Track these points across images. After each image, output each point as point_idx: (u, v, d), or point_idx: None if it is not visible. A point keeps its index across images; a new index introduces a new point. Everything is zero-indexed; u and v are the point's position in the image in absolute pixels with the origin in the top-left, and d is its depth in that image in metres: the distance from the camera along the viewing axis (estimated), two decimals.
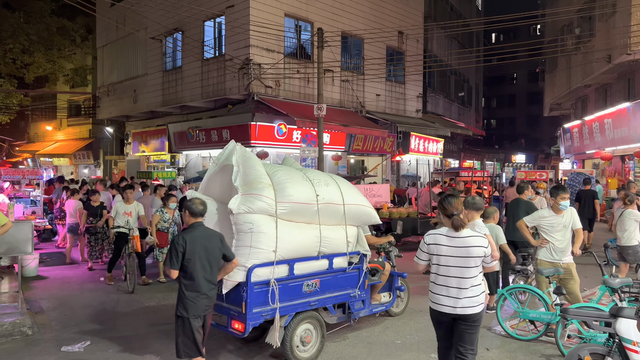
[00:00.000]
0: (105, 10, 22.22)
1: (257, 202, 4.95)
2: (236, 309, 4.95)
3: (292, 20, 18.44)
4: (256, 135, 17.39)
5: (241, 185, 5.06)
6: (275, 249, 5.02)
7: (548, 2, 29.22)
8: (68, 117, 32.29)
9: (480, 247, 3.90)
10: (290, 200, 5.16)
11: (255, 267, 4.89)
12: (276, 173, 5.36)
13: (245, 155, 5.32)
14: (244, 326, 4.85)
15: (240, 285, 4.90)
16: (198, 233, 4.45)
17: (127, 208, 9.08)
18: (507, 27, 46.79)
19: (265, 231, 4.98)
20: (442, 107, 28.58)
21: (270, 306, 4.98)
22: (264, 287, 4.96)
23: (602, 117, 20.23)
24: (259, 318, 4.93)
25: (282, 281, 5.10)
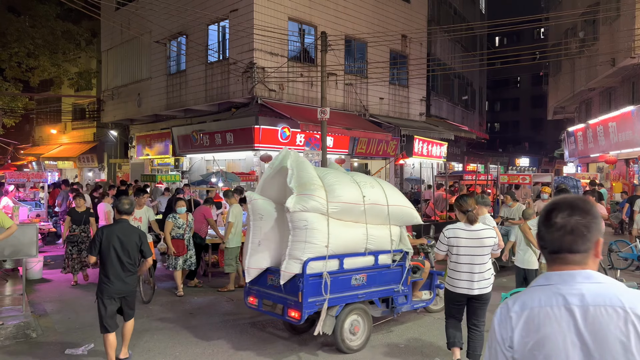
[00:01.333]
0: (110, 14, 22.34)
1: (311, 202, 5.42)
2: (293, 299, 5.43)
3: (295, 24, 18.49)
4: (260, 138, 17.41)
5: (296, 186, 5.53)
6: (327, 245, 5.49)
7: (552, 6, 29.20)
8: (72, 121, 32.40)
9: (491, 238, 4.82)
10: (340, 201, 5.63)
11: (310, 260, 5.37)
12: (326, 176, 5.85)
13: (298, 159, 5.85)
14: (300, 314, 5.33)
15: (296, 276, 5.40)
16: (117, 228, 5.21)
17: (137, 213, 8.44)
18: (511, 30, 46.78)
19: (318, 228, 5.46)
20: (446, 111, 28.57)
21: (323, 297, 5.40)
22: (317, 279, 5.42)
23: (606, 120, 20.18)
24: (313, 307, 5.39)
25: (333, 274, 5.54)
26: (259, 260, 5.79)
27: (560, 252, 1.60)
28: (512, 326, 1.57)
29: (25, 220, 10.98)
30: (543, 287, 1.60)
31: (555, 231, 1.60)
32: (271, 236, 5.81)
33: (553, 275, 1.60)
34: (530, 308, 1.56)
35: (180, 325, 6.70)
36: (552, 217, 1.62)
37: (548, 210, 1.65)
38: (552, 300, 1.54)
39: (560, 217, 1.60)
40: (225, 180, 15.10)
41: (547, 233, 1.63)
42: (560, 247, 1.60)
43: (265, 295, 5.92)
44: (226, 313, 7.27)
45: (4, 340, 5.99)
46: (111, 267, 5.08)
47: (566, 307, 1.51)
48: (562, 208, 1.62)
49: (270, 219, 5.80)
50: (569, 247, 1.59)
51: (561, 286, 1.56)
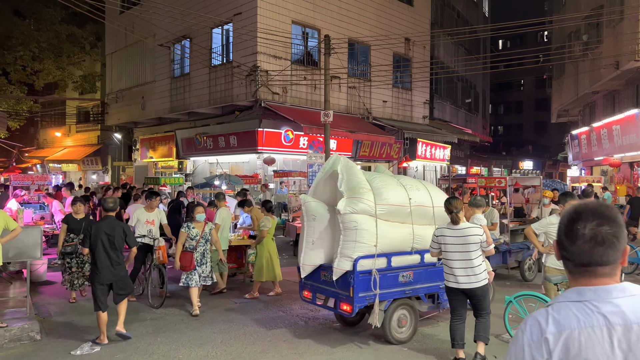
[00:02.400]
0: (114, 17, 22.45)
1: (360, 204, 5.82)
2: (345, 293, 5.84)
3: (299, 27, 18.54)
4: (263, 141, 17.45)
5: (346, 190, 5.94)
6: (376, 244, 5.87)
7: (555, 9, 29.18)
8: (77, 124, 32.55)
9: (476, 236, 5.12)
10: (387, 203, 6.01)
11: (360, 258, 5.77)
12: (374, 180, 6.23)
13: (348, 164, 6.26)
14: (352, 307, 5.76)
15: (347, 273, 5.80)
16: (104, 223, 6.09)
17: (150, 216, 8.22)
18: (514, 33, 46.80)
19: (367, 228, 5.84)
20: (449, 114, 28.55)
21: (372, 292, 5.78)
22: (367, 275, 5.80)
23: (610, 123, 20.12)
24: (363, 301, 5.79)
25: (382, 271, 5.91)
26: (313, 258, 6.26)
27: (590, 265, 1.48)
28: (549, 349, 1.42)
29: (30, 222, 11.02)
30: (577, 305, 1.46)
31: (584, 243, 1.48)
32: (324, 236, 6.24)
33: (586, 291, 1.47)
34: (569, 330, 1.42)
35: (183, 327, 6.71)
36: (579, 228, 1.49)
37: (572, 220, 1.52)
38: (592, 321, 1.42)
39: (588, 228, 1.48)
40: (229, 183, 15.12)
41: (573, 245, 1.50)
42: (590, 259, 1.48)
43: (318, 290, 6.36)
44: (229, 314, 7.28)
45: (8, 343, 6.02)
46: (99, 258, 5.98)
47: (608, 327, 1.40)
48: (589, 217, 1.49)
49: (323, 220, 6.24)
50: (600, 260, 1.47)
51: (598, 303, 1.44)
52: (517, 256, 9.83)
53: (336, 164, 6.27)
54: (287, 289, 8.87)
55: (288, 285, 9.21)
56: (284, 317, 7.22)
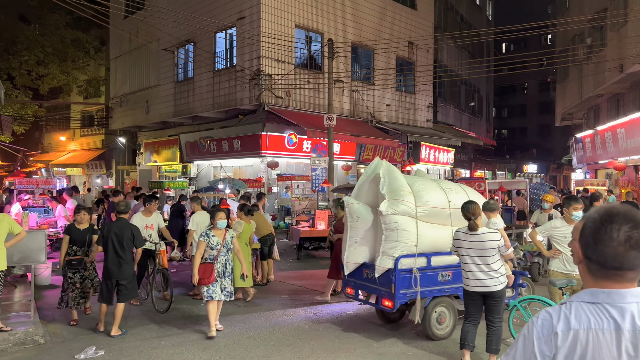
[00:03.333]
0: (119, 22, 22.57)
1: (401, 206, 6.13)
2: (386, 290, 6.17)
3: (302, 31, 18.58)
4: (267, 145, 17.47)
5: (387, 192, 6.24)
6: (416, 244, 6.15)
7: (559, 12, 29.15)
8: (81, 128, 32.67)
9: (494, 241, 5.11)
10: (427, 205, 6.28)
11: (401, 257, 6.08)
12: (415, 183, 6.52)
13: (389, 168, 6.58)
14: (393, 303, 6.08)
15: (389, 271, 6.12)
16: (115, 224, 6.69)
17: (148, 221, 8.11)
18: (518, 37, 46.75)
19: (408, 229, 6.14)
20: (453, 117, 28.53)
21: (413, 289, 6.07)
22: (407, 273, 6.09)
23: (614, 126, 20.05)
24: (404, 298, 6.11)
25: (422, 270, 6.18)
26: (356, 256, 6.61)
27: (621, 269, 1.45)
28: (556, 345, 1.44)
29: (34, 226, 11.05)
30: (589, 306, 1.46)
31: (618, 245, 1.44)
32: (366, 235, 6.57)
33: (599, 293, 1.46)
34: (579, 329, 1.43)
35: (187, 331, 6.71)
36: (613, 230, 1.45)
37: (605, 221, 1.48)
38: (603, 323, 1.42)
39: (623, 231, 1.44)
40: (232, 187, 15.13)
41: (607, 247, 1.45)
42: (622, 263, 1.45)
43: (361, 287, 6.72)
44: (233, 317, 7.27)
45: (12, 346, 6.02)
46: (109, 256, 6.53)
47: (617, 332, 1.40)
48: (622, 220, 1.46)
49: (365, 221, 6.58)
50: (632, 264, 1.44)
51: (610, 307, 1.44)
52: None
53: (378, 167, 6.61)
54: (291, 292, 8.86)
55: (291, 289, 9.20)
56: (288, 321, 7.21)
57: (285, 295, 8.65)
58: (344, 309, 7.78)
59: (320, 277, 10.37)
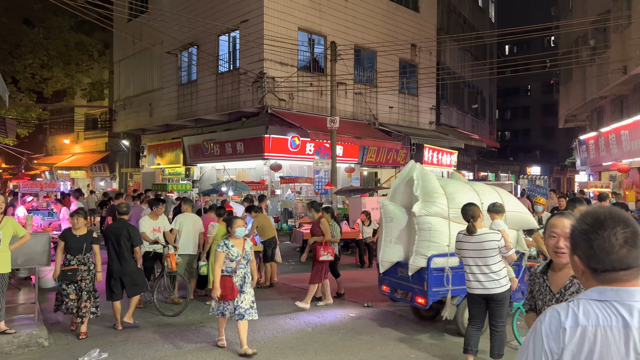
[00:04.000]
0: (122, 25, 22.65)
1: (434, 208, 6.39)
2: (419, 288, 6.44)
3: (305, 34, 18.61)
4: (270, 147, 17.49)
5: (421, 194, 6.53)
6: (449, 244, 6.29)
7: (562, 14, 29.10)
8: (85, 131, 32.81)
9: (493, 241, 5.07)
10: (460, 207, 6.12)
11: (434, 256, 6.34)
12: (448, 185, 6.78)
13: (423, 171, 6.86)
14: (426, 300, 6.37)
15: (422, 269, 6.39)
16: (114, 225, 7.10)
17: (156, 224, 8.08)
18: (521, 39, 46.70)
19: (441, 230, 6.39)
20: (456, 119, 28.50)
21: (445, 287, 6.28)
22: (440, 272, 6.33)
23: (618, 128, 19.99)
24: (437, 295, 6.35)
25: (454, 269, 6.32)
26: (391, 255, 6.88)
27: (629, 268, 1.46)
28: (564, 341, 1.44)
29: (38, 229, 11.08)
30: (597, 303, 1.46)
31: (620, 249, 1.46)
32: (401, 235, 6.84)
33: (608, 291, 1.47)
34: (587, 325, 1.43)
35: (190, 333, 6.71)
36: (610, 236, 1.46)
37: (597, 229, 1.49)
38: (611, 320, 1.42)
39: (620, 234, 1.46)
40: (236, 189, 15.15)
41: (612, 254, 1.46)
42: (629, 264, 1.46)
43: (395, 284, 6.98)
44: None
45: (16, 349, 6.04)
46: (110, 255, 6.93)
47: (626, 329, 1.40)
48: (612, 224, 1.48)
49: (400, 221, 6.86)
50: (636, 262, 1.46)
51: (619, 304, 1.44)
52: None
53: (412, 170, 6.91)
54: (294, 294, 8.86)
55: (295, 291, 9.20)
56: (291, 323, 7.21)
57: (289, 298, 8.65)
58: (347, 312, 7.77)
59: None
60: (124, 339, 6.44)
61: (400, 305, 7.89)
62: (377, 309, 7.96)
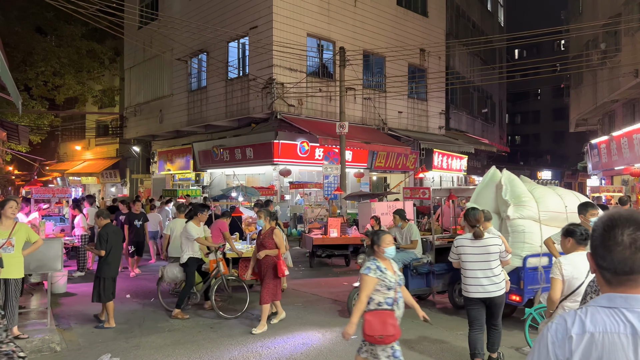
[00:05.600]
0: (133, 33, 22.88)
1: (526, 211, 6.77)
2: (515, 286, 6.70)
3: (314, 40, 18.68)
4: (279, 153, 17.53)
5: (511, 198, 6.88)
6: (541, 245, 6.66)
7: (572, 18, 28.95)
8: (96, 137, 33.11)
9: (496, 245, 5.26)
10: (548, 210, 6.89)
11: (528, 257, 6.75)
12: (535, 190, 7.18)
13: (510, 177, 7.25)
14: (522, 298, 6.74)
15: (517, 269, 6.74)
16: (111, 228, 7.40)
17: (200, 231, 8.13)
18: (530, 43, 46.50)
19: (533, 231, 6.79)
20: (465, 124, 28.40)
21: (539, 285, 6.62)
22: (533, 271, 6.75)
23: (630, 132, 19.80)
24: (531, 293, 6.71)
25: (546, 268, 6.66)
26: None
27: (631, 274, 1.44)
28: (570, 349, 1.42)
29: (51, 234, 11.18)
30: (606, 310, 1.44)
31: (624, 249, 1.44)
32: None
33: (617, 298, 1.45)
34: (594, 332, 1.41)
35: (201, 338, 6.72)
36: (617, 235, 1.44)
37: (608, 228, 1.48)
38: (619, 327, 1.40)
39: (626, 234, 1.44)
40: (245, 195, 15.20)
41: (612, 252, 1.45)
42: (632, 267, 1.43)
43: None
44: (247, 326, 7.27)
45: (29, 354, 6.08)
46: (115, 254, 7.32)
47: (634, 336, 1.38)
48: (625, 223, 1.45)
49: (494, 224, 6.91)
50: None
51: (627, 311, 1.41)
52: (444, 278, 8.35)
53: (495, 175, 7.41)
54: (305, 301, 8.84)
55: (305, 297, 9.18)
56: (303, 329, 7.20)
57: (300, 304, 8.64)
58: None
59: (334, 284, 10.35)
60: (135, 345, 6.46)
61: None
62: None
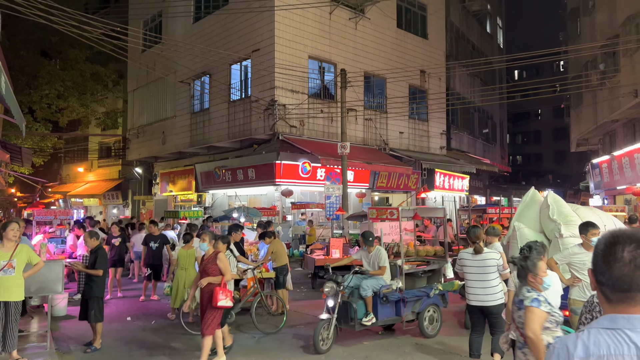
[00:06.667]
0: (137, 56, 23.15)
1: (575, 229, 6.72)
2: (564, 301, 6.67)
3: (315, 62, 18.87)
4: (281, 173, 17.56)
5: (559, 217, 7.11)
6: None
7: (570, 39, 29.25)
8: (99, 159, 33.25)
9: (493, 259, 5.87)
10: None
11: None
12: (578, 210, 7.55)
13: (555, 197, 7.53)
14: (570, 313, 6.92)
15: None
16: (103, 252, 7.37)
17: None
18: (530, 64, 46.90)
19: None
20: (467, 144, 28.48)
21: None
22: None
23: (631, 152, 19.83)
24: None
25: None
26: None
27: (630, 291, 1.42)
28: None
29: (52, 257, 11.15)
30: (608, 332, 1.42)
31: (623, 266, 1.43)
32: None
33: (619, 319, 1.43)
34: (597, 356, 1.38)
35: None
36: (617, 251, 1.44)
37: (609, 244, 1.48)
38: (623, 349, 1.38)
39: (627, 251, 1.43)
40: (247, 216, 15.18)
41: (611, 268, 1.44)
42: (630, 285, 1.42)
43: None
44: (247, 348, 7.20)
45: None
46: (106, 275, 7.37)
47: (639, 357, 1.36)
48: (626, 241, 1.45)
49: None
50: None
51: (631, 332, 1.39)
52: (413, 306, 7.76)
53: (535, 196, 7.87)
54: (307, 323, 8.76)
55: (307, 319, 9.10)
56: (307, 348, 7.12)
57: (302, 326, 8.56)
58: (359, 339, 7.66)
59: None
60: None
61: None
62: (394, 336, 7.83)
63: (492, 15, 34.61)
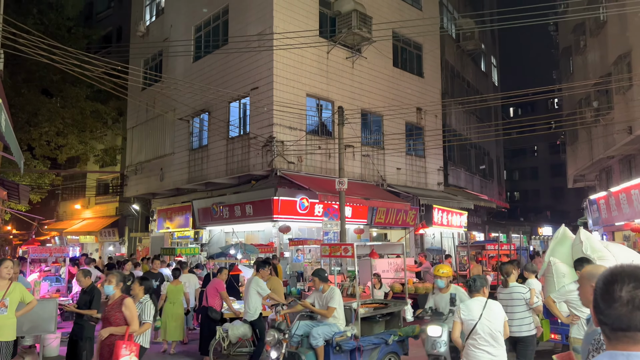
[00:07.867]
0: (136, 93, 23.44)
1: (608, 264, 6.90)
2: None
3: (313, 99, 19.13)
4: (279, 209, 17.51)
5: (592, 253, 7.29)
6: None
7: (564, 77, 29.81)
8: (96, 196, 33.18)
9: (520, 293, 6.43)
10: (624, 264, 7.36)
11: None
12: (608, 245, 7.90)
13: (587, 234, 7.80)
14: None
15: None
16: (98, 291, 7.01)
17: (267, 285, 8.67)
18: (525, 101, 47.63)
19: None
20: (464, 180, 28.57)
21: None
22: None
23: (628, 188, 19.89)
24: None
25: None
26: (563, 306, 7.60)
27: (629, 330, 1.42)
28: None
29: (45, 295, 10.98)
30: None
31: (621, 306, 1.43)
32: None
33: (619, 356, 1.42)
34: None
35: None
36: (616, 290, 1.44)
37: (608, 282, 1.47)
38: None
39: (625, 291, 1.43)
40: (244, 252, 15.05)
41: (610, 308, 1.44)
42: (629, 324, 1.42)
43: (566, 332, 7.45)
44: None
45: None
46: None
47: None
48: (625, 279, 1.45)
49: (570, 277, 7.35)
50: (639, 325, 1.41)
51: None
52: (370, 355, 7.06)
53: (566, 233, 8.10)
54: None
55: None
56: None
57: None
58: None
59: None
60: None
61: None
62: None
63: (487, 54, 35.35)
